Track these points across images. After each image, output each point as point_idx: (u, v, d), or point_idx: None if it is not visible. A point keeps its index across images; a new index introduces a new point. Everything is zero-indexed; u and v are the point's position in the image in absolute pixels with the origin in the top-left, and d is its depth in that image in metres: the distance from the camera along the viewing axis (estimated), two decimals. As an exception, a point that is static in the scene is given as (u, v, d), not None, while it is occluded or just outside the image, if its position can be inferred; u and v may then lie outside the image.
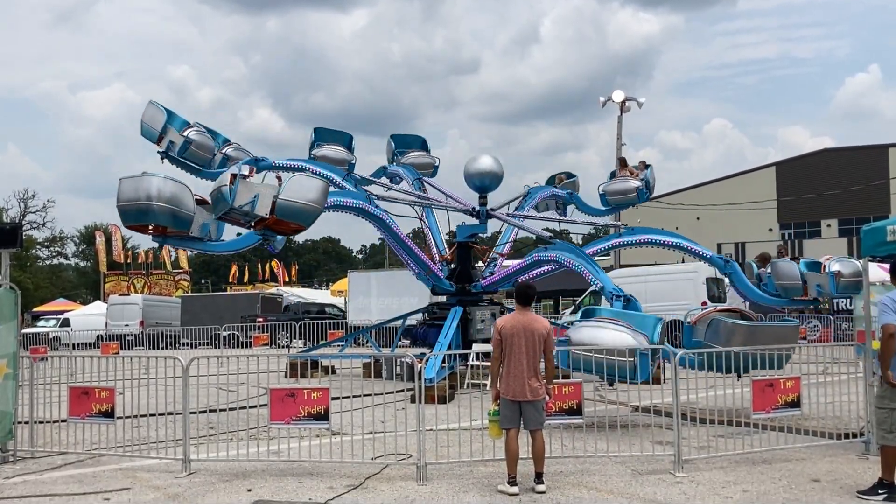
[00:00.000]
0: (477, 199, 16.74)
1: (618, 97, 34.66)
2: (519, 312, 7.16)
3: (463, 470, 7.77)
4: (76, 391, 8.54)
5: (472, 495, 6.90)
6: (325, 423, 7.81)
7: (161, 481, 7.62)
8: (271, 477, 7.66)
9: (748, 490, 6.91)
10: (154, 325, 34.44)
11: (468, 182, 16.28)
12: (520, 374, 6.91)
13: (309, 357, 16.76)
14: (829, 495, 6.71)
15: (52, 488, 7.45)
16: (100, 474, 8.00)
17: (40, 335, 29.89)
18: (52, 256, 77.29)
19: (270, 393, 7.91)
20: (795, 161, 51.06)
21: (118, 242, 54.96)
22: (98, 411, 8.34)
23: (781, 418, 8.28)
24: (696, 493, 6.85)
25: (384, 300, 29.37)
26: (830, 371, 9.80)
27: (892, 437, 6.54)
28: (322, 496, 6.94)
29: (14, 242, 8.99)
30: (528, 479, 7.03)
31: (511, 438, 6.97)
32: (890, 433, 6.56)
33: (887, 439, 6.58)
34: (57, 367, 13.04)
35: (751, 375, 8.57)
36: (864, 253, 8.39)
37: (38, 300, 56.92)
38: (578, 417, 7.87)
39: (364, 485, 7.30)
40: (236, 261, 65.47)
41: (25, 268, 63.48)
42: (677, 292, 24.12)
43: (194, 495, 7.08)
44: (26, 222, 64.58)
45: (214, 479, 7.65)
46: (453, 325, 14.84)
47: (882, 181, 44.41)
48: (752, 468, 7.67)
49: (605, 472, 7.67)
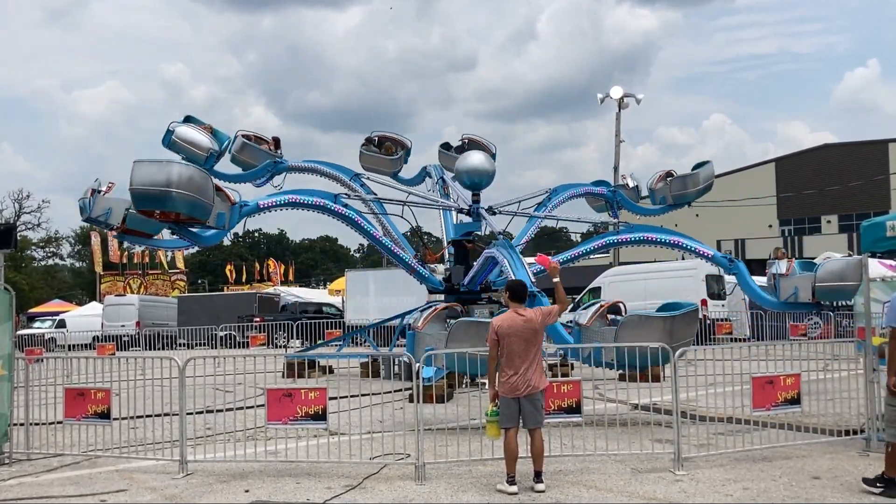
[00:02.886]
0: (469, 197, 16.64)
1: (616, 94, 34.61)
2: (513, 310, 7.12)
3: (462, 469, 7.73)
4: (72, 392, 8.50)
5: (470, 495, 6.86)
6: (323, 424, 7.77)
7: (158, 482, 7.57)
8: (269, 477, 7.62)
9: (748, 488, 6.88)
10: (150, 325, 34.36)
11: (459, 180, 16.17)
12: (518, 372, 6.88)
13: (306, 357, 16.72)
14: (830, 492, 6.68)
15: (48, 490, 7.41)
16: (96, 476, 7.95)
17: (36, 336, 29.82)
18: (48, 257, 77.08)
19: (268, 393, 7.87)
20: (795, 157, 51.10)
21: (114, 243, 54.79)
22: (94, 412, 8.30)
23: (781, 415, 8.26)
24: (696, 490, 6.82)
25: (382, 299, 29.30)
26: (831, 368, 9.76)
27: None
28: (320, 496, 6.89)
29: (9, 243, 8.95)
30: (527, 478, 6.99)
31: (510, 437, 6.93)
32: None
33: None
34: (52, 369, 13.00)
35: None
36: (864, 249, 8.37)
37: (34, 301, 56.76)
38: (578, 416, 7.83)
39: (362, 485, 7.26)
40: (233, 261, 65.39)
41: (20, 269, 63.31)
42: (677, 290, 24.04)
43: (191, 496, 7.04)
44: (21, 223, 64.43)
45: (212, 479, 7.60)
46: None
47: (882, 176, 44.45)
48: (752, 466, 7.64)
49: (604, 470, 7.63)
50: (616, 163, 34.78)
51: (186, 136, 14.46)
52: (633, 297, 24.59)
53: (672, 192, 17.27)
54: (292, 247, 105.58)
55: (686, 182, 17.11)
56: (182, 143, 14.36)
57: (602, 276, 28.19)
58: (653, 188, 17.82)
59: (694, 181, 17.01)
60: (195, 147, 14.50)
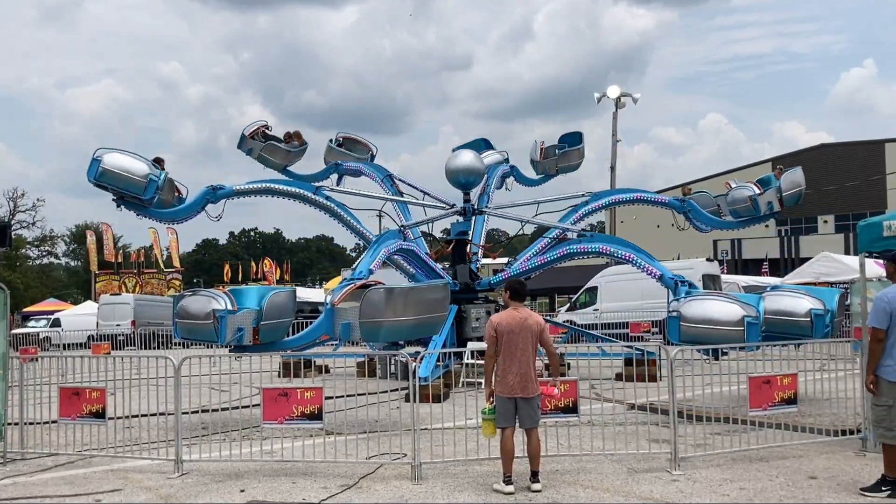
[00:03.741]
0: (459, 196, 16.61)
1: (613, 93, 34.60)
2: (513, 309, 7.10)
3: (458, 469, 7.71)
4: (67, 392, 8.46)
5: (467, 494, 6.84)
6: (319, 423, 7.74)
7: (153, 482, 7.54)
8: (264, 477, 7.59)
9: (745, 487, 6.87)
10: (146, 324, 34.15)
11: (450, 179, 16.10)
12: (515, 371, 6.86)
13: (302, 356, 16.63)
14: (827, 492, 6.68)
15: (43, 490, 7.37)
16: (91, 475, 7.91)
17: (30, 335, 29.64)
18: (42, 256, 76.97)
19: (263, 392, 7.83)
20: (792, 157, 51.05)
21: (109, 241, 54.66)
22: (89, 412, 8.27)
23: (778, 415, 8.26)
24: (692, 490, 6.81)
25: (378, 298, 29.24)
26: (827, 368, 9.77)
27: (893, 434, 6.51)
28: (316, 496, 6.87)
29: (3, 242, 8.95)
30: (523, 477, 6.97)
31: (507, 437, 6.91)
32: (890, 431, 6.52)
33: (887, 437, 6.55)
34: (47, 368, 12.95)
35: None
36: (861, 248, 8.36)
37: (29, 300, 56.57)
38: (574, 415, 7.81)
39: (358, 484, 7.23)
40: (229, 260, 65.19)
41: (15, 267, 63.20)
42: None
43: (187, 496, 7.01)
44: (16, 221, 64.22)
45: (207, 479, 7.57)
46: (448, 323, 14.75)
47: (878, 176, 44.57)
48: (748, 465, 7.63)
49: (601, 470, 7.62)
50: (613, 162, 34.81)
51: (118, 162, 12.45)
52: (629, 297, 24.71)
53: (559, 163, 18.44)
54: (288, 246, 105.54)
55: (570, 155, 18.57)
56: (114, 172, 12.35)
57: (598, 276, 28.22)
58: (537, 160, 18.49)
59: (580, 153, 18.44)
60: (130, 174, 12.50)
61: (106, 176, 12.28)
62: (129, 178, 12.41)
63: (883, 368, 6.60)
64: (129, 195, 12.57)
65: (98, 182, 12.31)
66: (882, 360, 6.60)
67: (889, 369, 6.56)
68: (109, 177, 12.31)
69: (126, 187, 12.48)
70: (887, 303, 6.61)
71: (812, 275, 25.15)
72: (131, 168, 12.47)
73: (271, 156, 16.78)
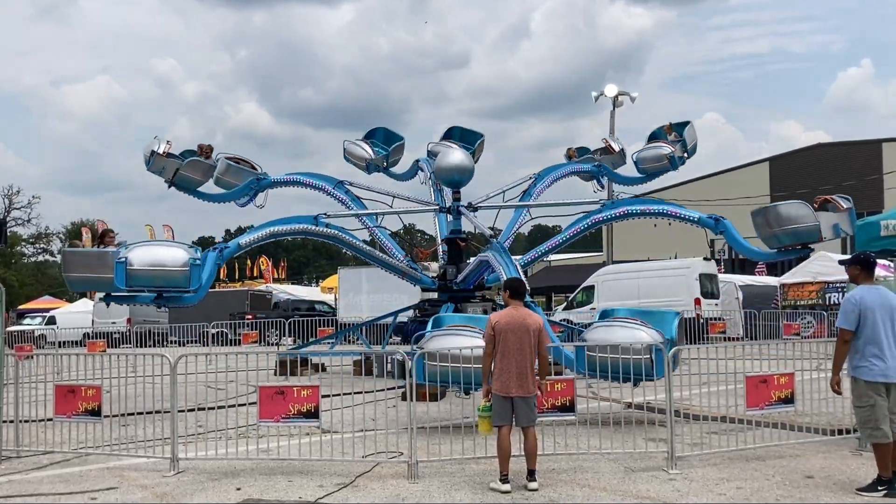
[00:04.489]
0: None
1: (611, 92, 34.53)
2: (512, 308, 7.10)
3: (455, 468, 7.69)
4: (62, 389, 8.44)
5: (463, 493, 6.83)
6: (316, 421, 7.72)
7: (149, 480, 7.52)
8: (261, 475, 7.57)
9: (742, 487, 6.87)
10: (141, 322, 34.10)
11: (440, 178, 16.00)
12: (512, 369, 6.85)
13: (299, 355, 16.61)
14: (823, 492, 6.68)
15: (38, 488, 7.34)
16: (86, 473, 7.89)
17: (26, 333, 29.65)
18: (38, 253, 76.63)
19: (260, 391, 7.82)
20: (789, 156, 51.19)
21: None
22: (84, 410, 8.24)
23: (775, 415, 8.26)
24: (689, 489, 6.80)
25: (374, 297, 29.20)
26: (824, 367, 9.76)
27: (880, 433, 6.52)
28: (312, 495, 6.85)
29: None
30: (520, 476, 6.97)
31: (503, 435, 6.90)
32: (877, 430, 6.53)
33: (875, 436, 6.56)
34: (43, 366, 12.89)
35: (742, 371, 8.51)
36: (859, 248, 8.37)
37: (24, 298, 56.44)
38: (571, 414, 7.81)
39: (355, 483, 7.22)
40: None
41: (10, 265, 63.01)
42: (670, 289, 24.11)
43: (182, 494, 6.99)
44: (11, 219, 64.00)
45: (203, 477, 7.55)
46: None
47: (876, 176, 44.60)
48: (745, 465, 7.63)
49: (597, 469, 7.62)
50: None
51: (149, 257, 11.08)
52: (626, 296, 24.69)
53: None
54: (284, 244, 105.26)
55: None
56: (146, 271, 10.99)
57: (596, 275, 28.21)
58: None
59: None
60: (166, 268, 11.18)
61: (137, 279, 10.77)
62: (167, 273, 10.90)
63: (859, 369, 6.64)
64: (171, 290, 11.16)
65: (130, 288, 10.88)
66: (857, 362, 6.66)
67: (864, 370, 6.60)
68: (142, 278, 10.83)
69: (166, 284, 11.04)
70: (855, 304, 6.65)
71: (809, 274, 25.24)
72: (165, 260, 10.91)
73: (192, 173, 15.63)
